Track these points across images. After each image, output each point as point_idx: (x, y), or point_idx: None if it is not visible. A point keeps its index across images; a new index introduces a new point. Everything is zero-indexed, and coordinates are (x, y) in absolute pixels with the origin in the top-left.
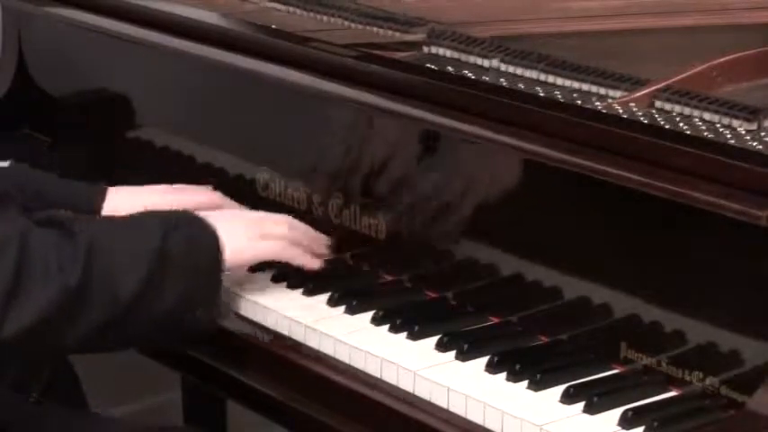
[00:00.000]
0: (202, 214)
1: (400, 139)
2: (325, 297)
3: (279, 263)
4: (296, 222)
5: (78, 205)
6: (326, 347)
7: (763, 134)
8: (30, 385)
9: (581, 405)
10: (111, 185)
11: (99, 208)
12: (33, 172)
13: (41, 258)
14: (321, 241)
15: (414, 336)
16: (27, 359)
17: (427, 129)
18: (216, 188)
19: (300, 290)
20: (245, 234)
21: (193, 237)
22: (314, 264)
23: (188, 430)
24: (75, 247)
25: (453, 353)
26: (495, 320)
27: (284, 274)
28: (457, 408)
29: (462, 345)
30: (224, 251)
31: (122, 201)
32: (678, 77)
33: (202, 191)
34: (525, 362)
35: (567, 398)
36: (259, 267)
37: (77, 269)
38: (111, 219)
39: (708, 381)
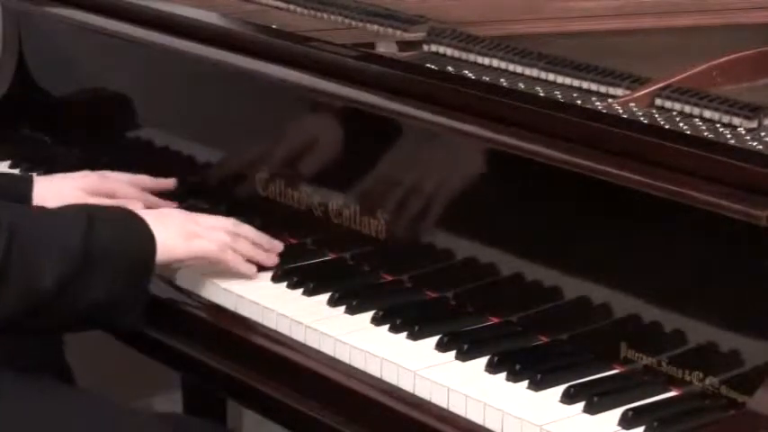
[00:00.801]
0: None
1: (400, 140)
2: (325, 297)
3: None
4: (241, 225)
5: (6, 195)
6: (326, 347)
7: (763, 133)
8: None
9: (581, 405)
10: None
11: (28, 198)
12: None
13: None
14: (271, 245)
15: (414, 336)
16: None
17: (427, 129)
18: (216, 189)
19: (300, 290)
20: (178, 231)
21: (121, 234)
22: (250, 269)
23: (185, 418)
24: None
25: (453, 353)
26: (495, 320)
27: (284, 274)
28: (457, 408)
29: (462, 345)
30: (155, 247)
31: (48, 189)
32: (678, 77)
33: (125, 177)
34: (525, 362)
35: (567, 398)
36: (260, 268)
37: None
38: (39, 208)
39: (708, 381)
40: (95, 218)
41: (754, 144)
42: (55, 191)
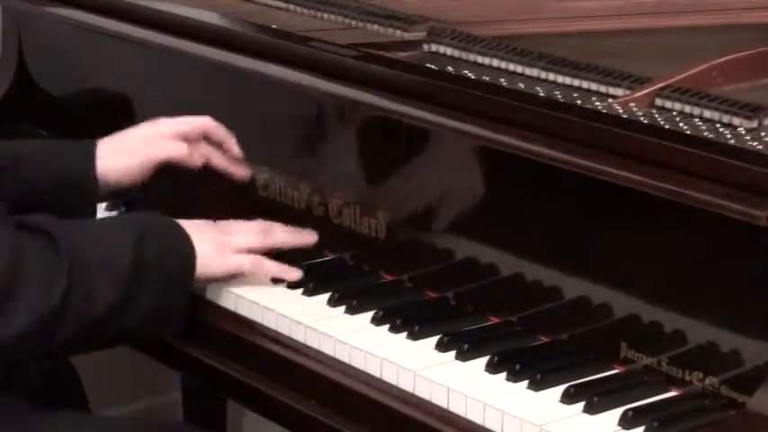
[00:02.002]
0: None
1: (400, 140)
2: (325, 297)
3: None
4: (269, 226)
5: (67, 166)
6: (326, 347)
7: (763, 133)
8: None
9: (581, 405)
10: None
11: (93, 173)
12: (22, 146)
13: (28, 269)
14: (302, 239)
15: (414, 336)
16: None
17: (427, 128)
18: (216, 189)
19: (300, 290)
20: (214, 246)
21: (168, 247)
22: (291, 274)
23: (187, 428)
24: (58, 260)
25: (453, 353)
26: (495, 320)
27: None
28: (457, 408)
29: (462, 345)
30: (195, 263)
31: (112, 162)
32: (678, 77)
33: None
34: (525, 362)
35: (567, 398)
36: None
37: (61, 285)
38: (89, 225)
39: (708, 381)
40: (145, 234)
41: (754, 144)
42: (121, 166)
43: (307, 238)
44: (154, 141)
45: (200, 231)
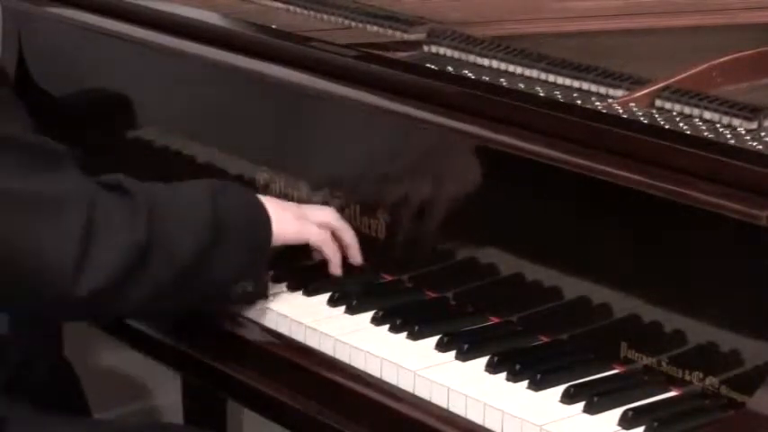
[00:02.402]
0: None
1: (400, 140)
2: (325, 297)
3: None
4: (341, 220)
5: None
6: (326, 347)
7: (763, 134)
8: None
9: (581, 405)
10: None
11: None
12: None
13: (108, 215)
14: (356, 248)
15: (414, 336)
16: (89, 320)
17: (427, 129)
18: None
19: (301, 290)
20: (291, 214)
21: (241, 204)
22: (337, 270)
23: (188, 430)
24: (136, 208)
25: (453, 353)
26: (495, 320)
27: (284, 275)
28: (457, 408)
29: (462, 345)
30: (271, 221)
31: None
32: (678, 77)
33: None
34: (525, 362)
35: (567, 398)
36: None
37: (142, 226)
38: (164, 185)
39: (708, 381)
40: (217, 192)
41: (754, 144)
42: None
43: (357, 257)
44: None
45: (273, 200)
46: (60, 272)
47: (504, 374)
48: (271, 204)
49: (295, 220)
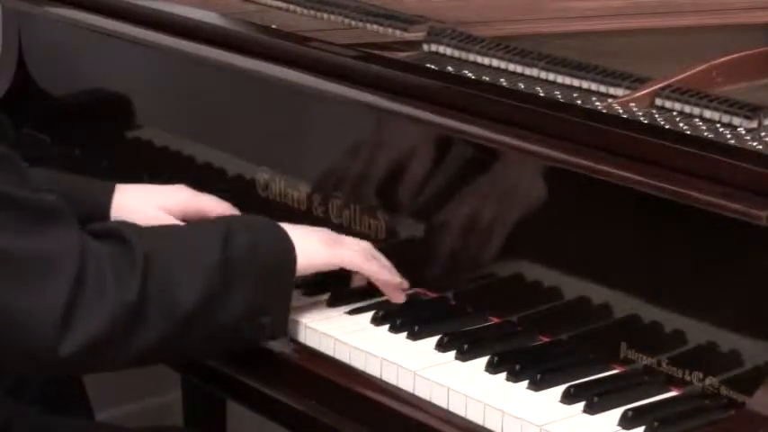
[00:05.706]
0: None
1: (400, 139)
2: (325, 297)
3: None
4: (377, 252)
5: (85, 202)
6: (326, 347)
7: (763, 133)
8: (26, 389)
9: (581, 405)
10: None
11: (107, 206)
12: (46, 172)
13: (98, 273)
14: (398, 278)
15: (414, 336)
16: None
17: (427, 129)
18: (216, 188)
19: (300, 290)
20: (319, 239)
21: (258, 240)
22: (396, 280)
23: (188, 430)
24: (132, 260)
25: (453, 353)
26: (495, 320)
27: None
28: (457, 408)
29: (462, 345)
30: (295, 252)
31: (130, 199)
32: (678, 77)
33: (214, 200)
34: (525, 362)
35: (567, 398)
36: None
37: (135, 284)
38: (168, 228)
39: (708, 381)
40: (233, 231)
41: (754, 144)
42: (136, 205)
43: (397, 297)
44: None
45: (300, 228)
46: (43, 336)
47: (504, 374)
48: (297, 233)
49: (323, 246)
